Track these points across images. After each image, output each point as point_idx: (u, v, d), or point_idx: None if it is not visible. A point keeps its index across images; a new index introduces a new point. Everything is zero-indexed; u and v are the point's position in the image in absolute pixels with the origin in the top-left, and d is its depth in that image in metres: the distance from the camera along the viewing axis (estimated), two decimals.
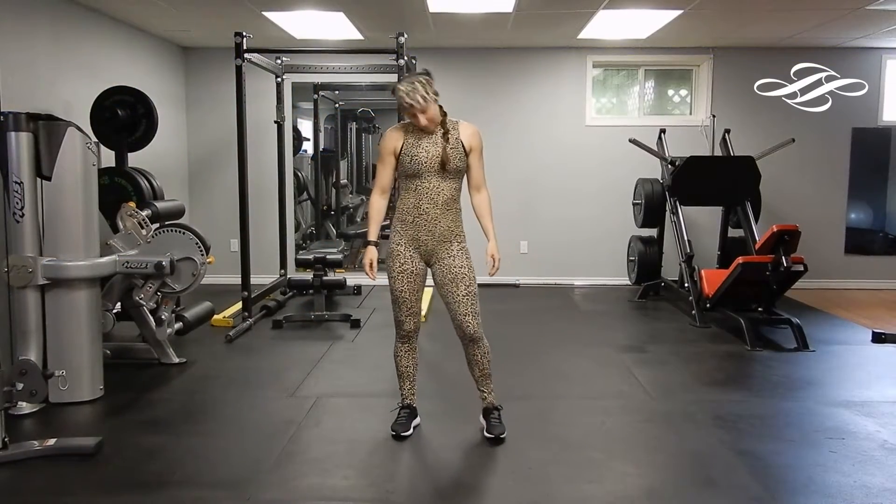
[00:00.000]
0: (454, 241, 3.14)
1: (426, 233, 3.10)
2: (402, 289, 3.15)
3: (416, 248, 3.13)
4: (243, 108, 5.29)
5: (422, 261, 3.16)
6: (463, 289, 3.11)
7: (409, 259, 3.13)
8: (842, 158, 7.14)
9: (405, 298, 3.16)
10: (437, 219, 3.09)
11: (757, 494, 2.75)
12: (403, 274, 3.13)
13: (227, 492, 2.74)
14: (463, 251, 3.15)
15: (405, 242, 3.13)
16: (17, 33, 4.56)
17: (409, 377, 3.32)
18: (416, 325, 3.23)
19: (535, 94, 7.16)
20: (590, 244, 7.25)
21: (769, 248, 5.00)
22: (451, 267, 3.11)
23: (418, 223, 3.10)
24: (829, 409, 3.71)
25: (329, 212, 8.84)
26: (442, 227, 3.10)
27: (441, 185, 3.08)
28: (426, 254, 3.14)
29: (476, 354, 3.21)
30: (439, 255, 3.13)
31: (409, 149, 3.07)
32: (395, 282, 3.15)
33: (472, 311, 3.12)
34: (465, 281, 3.11)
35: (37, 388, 3.22)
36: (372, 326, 5.48)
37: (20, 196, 3.55)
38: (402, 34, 5.28)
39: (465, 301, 3.11)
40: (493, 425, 3.22)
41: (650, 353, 4.82)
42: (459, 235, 3.17)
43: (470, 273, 3.14)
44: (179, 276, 4.21)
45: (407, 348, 3.27)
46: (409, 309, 3.18)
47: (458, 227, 3.17)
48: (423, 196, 3.08)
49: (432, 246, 3.12)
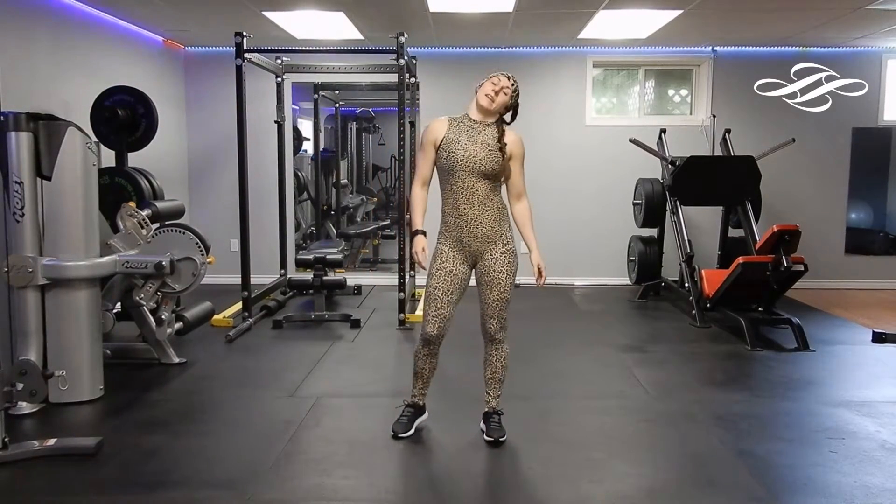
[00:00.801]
0: (499, 242, 3.11)
1: (468, 234, 3.08)
2: (437, 285, 3.09)
3: (460, 249, 3.11)
4: (243, 108, 5.29)
5: (465, 263, 3.12)
6: (496, 293, 3.10)
7: (451, 259, 3.10)
8: (842, 158, 7.14)
9: (437, 296, 3.08)
10: (477, 218, 3.07)
11: (757, 494, 2.75)
12: (441, 271, 3.09)
13: (227, 492, 2.74)
14: (506, 254, 3.12)
15: (450, 244, 3.11)
16: (17, 33, 4.56)
17: (423, 378, 3.28)
18: (440, 330, 3.10)
19: (535, 94, 7.15)
20: (590, 244, 7.25)
21: (769, 248, 5.00)
22: (490, 269, 3.10)
23: (459, 224, 3.08)
24: (829, 409, 3.71)
25: (329, 212, 8.85)
26: (484, 228, 3.08)
27: (476, 184, 3.05)
28: (472, 255, 3.12)
29: (493, 356, 3.21)
30: (483, 256, 3.11)
31: (447, 144, 3.06)
32: (432, 278, 3.11)
33: (498, 316, 3.13)
34: (500, 286, 3.10)
35: (37, 388, 3.22)
36: (372, 326, 5.48)
37: (20, 196, 3.55)
38: (402, 34, 5.28)
39: (495, 305, 3.12)
40: (492, 429, 3.21)
41: (650, 353, 4.82)
42: (504, 236, 3.13)
43: (508, 279, 3.11)
44: (179, 276, 4.21)
45: (426, 352, 3.20)
46: (438, 309, 3.08)
47: (503, 226, 3.13)
48: (459, 195, 3.06)
49: (476, 247, 3.10)
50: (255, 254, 5.73)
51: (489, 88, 3.05)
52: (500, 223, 3.12)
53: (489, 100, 3.04)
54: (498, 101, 3.06)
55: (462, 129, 3.08)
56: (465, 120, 3.12)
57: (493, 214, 3.09)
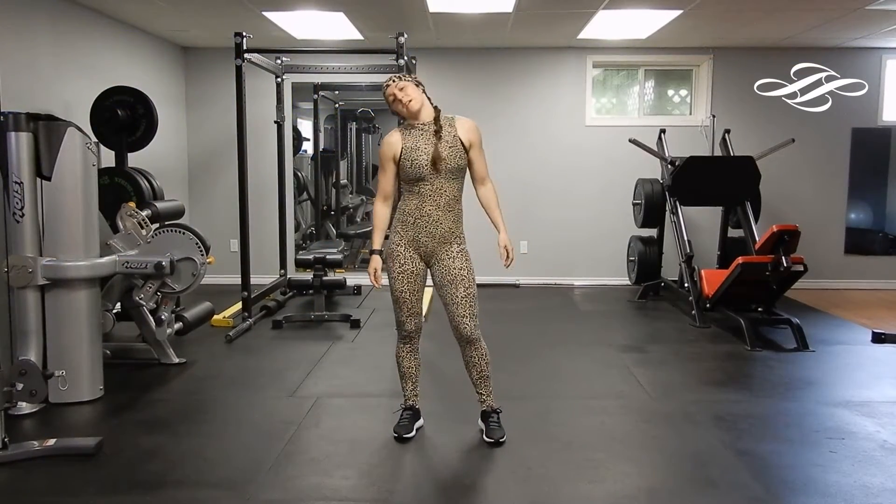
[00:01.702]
0: (454, 243, 3.13)
1: (426, 234, 3.09)
2: (403, 289, 3.14)
3: (415, 248, 3.12)
4: (243, 108, 5.29)
5: (421, 261, 3.15)
6: (462, 290, 3.10)
7: (409, 259, 3.12)
8: (842, 158, 7.14)
9: (406, 299, 3.15)
10: (439, 220, 3.08)
11: (757, 494, 2.75)
12: (403, 274, 3.13)
13: (227, 492, 2.74)
14: (462, 253, 3.14)
15: (405, 243, 3.12)
16: (18, 33, 4.56)
17: (412, 378, 3.31)
18: (417, 325, 3.22)
19: (535, 94, 7.16)
20: (590, 244, 7.25)
21: (769, 248, 4.99)
22: (450, 268, 3.10)
23: (419, 224, 3.09)
24: (829, 409, 3.71)
25: (329, 212, 8.84)
26: (443, 229, 3.09)
27: (444, 185, 3.06)
28: (426, 255, 3.14)
29: (473, 356, 3.19)
30: (439, 257, 3.12)
31: (407, 153, 3.05)
32: (396, 282, 3.14)
33: (469, 313, 3.12)
34: (464, 283, 3.10)
35: (37, 388, 3.22)
36: (372, 326, 5.48)
37: (20, 196, 3.55)
38: (402, 34, 5.28)
39: (464, 303, 3.10)
40: (492, 429, 3.21)
41: (650, 353, 4.82)
42: (459, 237, 3.16)
43: (469, 275, 3.13)
44: (179, 276, 4.21)
45: (408, 349, 3.26)
46: (409, 309, 3.17)
47: (459, 228, 3.16)
48: (426, 198, 3.07)
49: (432, 247, 3.11)
50: (255, 254, 5.74)
51: (395, 101, 3.06)
52: (457, 225, 3.15)
53: (404, 105, 3.05)
54: (410, 98, 3.04)
55: (416, 136, 3.08)
56: (414, 127, 3.10)
57: (453, 216, 3.12)
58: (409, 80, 3.09)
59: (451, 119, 3.13)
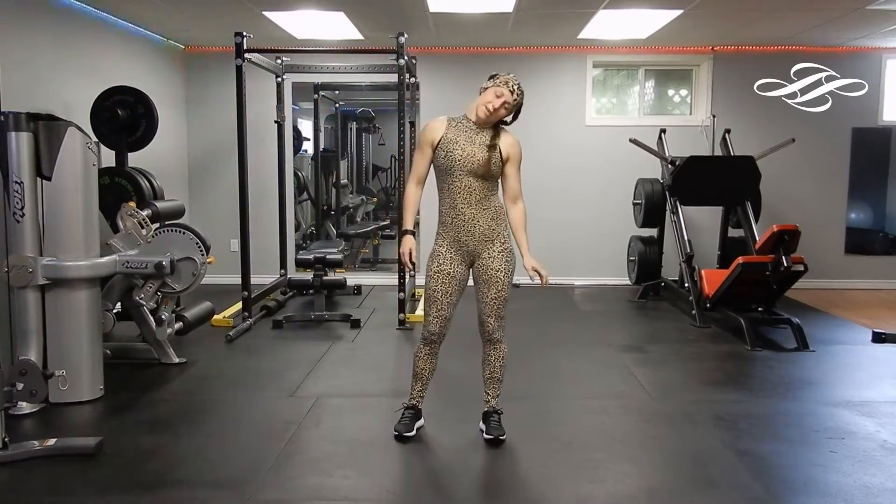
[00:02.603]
0: (496, 241, 3.12)
1: (466, 233, 3.08)
2: (436, 288, 3.11)
3: (457, 249, 3.11)
4: (243, 108, 5.29)
5: (464, 264, 3.13)
6: (494, 292, 3.11)
7: (449, 261, 3.11)
8: (842, 158, 7.14)
9: (437, 298, 3.11)
10: (475, 218, 3.07)
11: (757, 494, 2.75)
12: (440, 273, 3.11)
13: (227, 492, 2.74)
14: (504, 253, 3.12)
15: (447, 244, 3.12)
16: (18, 33, 4.56)
17: (423, 380, 3.28)
18: (441, 329, 3.15)
19: (535, 94, 7.13)
20: (590, 244, 7.24)
21: (769, 248, 5.00)
22: (487, 268, 3.11)
23: (457, 224, 3.08)
24: (829, 409, 3.71)
25: (329, 212, 8.84)
26: (482, 227, 3.08)
27: (473, 183, 3.05)
28: (469, 254, 3.12)
29: (491, 355, 3.21)
30: (481, 255, 3.12)
31: (445, 144, 3.06)
32: (430, 280, 3.13)
33: (496, 314, 3.13)
34: (497, 285, 3.10)
35: (37, 388, 3.21)
36: (372, 326, 5.48)
37: (20, 196, 3.55)
38: (402, 34, 5.28)
39: (493, 304, 3.12)
40: (492, 428, 3.20)
41: (650, 353, 4.82)
42: (501, 235, 3.13)
43: (505, 277, 3.12)
44: (179, 276, 4.21)
45: (428, 351, 3.22)
46: (438, 310, 3.12)
47: (500, 226, 3.13)
48: (457, 195, 3.06)
49: (474, 246, 3.10)
50: (255, 254, 5.73)
51: (491, 98, 3.03)
52: (497, 223, 3.12)
53: (488, 112, 3.04)
54: (497, 115, 3.05)
55: (460, 130, 3.08)
56: (464, 121, 3.12)
57: (490, 214, 3.10)
58: (516, 98, 3.05)
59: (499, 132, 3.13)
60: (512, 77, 3.08)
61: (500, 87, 3.04)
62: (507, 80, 3.06)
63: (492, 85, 3.07)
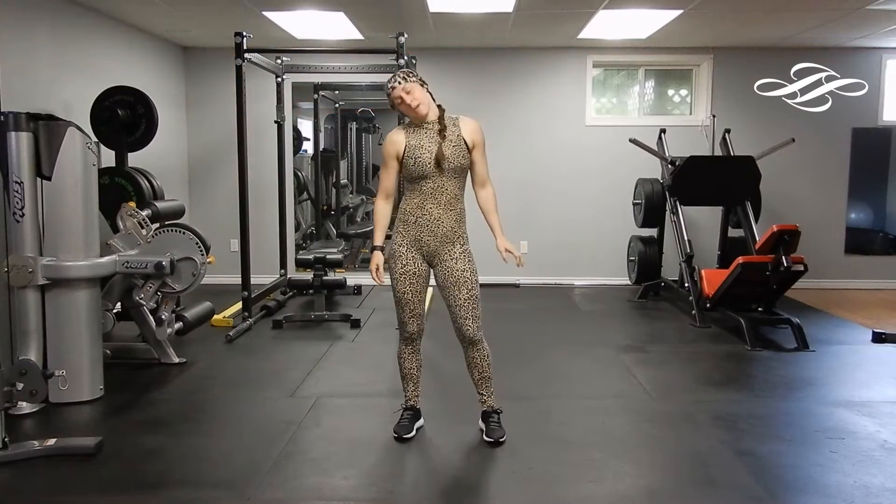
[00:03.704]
0: (456, 243, 3.12)
1: (428, 233, 3.08)
2: (405, 290, 3.13)
3: (418, 248, 3.11)
4: (243, 108, 5.29)
5: (424, 262, 3.14)
6: (465, 292, 3.09)
7: (412, 260, 3.11)
8: (842, 158, 7.14)
9: (408, 300, 3.14)
10: (441, 219, 3.07)
11: (757, 494, 2.75)
12: (406, 275, 3.12)
13: (227, 492, 2.74)
14: (466, 253, 3.13)
15: (407, 243, 3.11)
16: (18, 33, 4.56)
17: (413, 379, 3.30)
18: (419, 326, 3.20)
19: (535, 94, 7.16)
20: (590, 244, 7.25)
21: (769, 248, 5.00)
22: (453, 270, 3.10)
23: (421, 223, 3.08)
24: (829, 409, 3.71)
25: (329, 212, 8.84)
26: (445, 228, 3.08)
27: (446, 184, 3.06)
28: (428, 255, 3.12)
29: (475, 357, 3.19)
30: (441, 257, 3.11)
31: (411, 151, 3.05)
32: (398, 283, 3.13)
33: (472, 315, 3.11)
34: (466, 284, 3.09)
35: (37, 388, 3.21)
36: (372, 326, 5.48)
37: (20, 196, 3.55)
38: (402, 34, 5.28)
39: (467, 305, 3.10)
40: (492, 429, 3.20)
41: (650, 353, 4.82)
42: (462, 237, 3.14)
43: (473, 276, 3.12)
44: (179, 276, 4.21)
45: (410, 350, 3.25)
46: (412, 311, 3.15)
47: (461, 227, 3.14)
48: (427, 196, 3.06)
49: (434, 246, 3.10)
50: (255, 254, 5.73)
51: (402, 103, 3.03)
52: (459, 224, 3.13)
53: (412, 109, 3.03)
54: (418, 103, 3.02)
55: (420, 134, 3.07)
56: (418, 125, 3.09)
57: (455, 215, 3.10)
58: (414, 80, 3.06)
59: (456, 119, 3.13)
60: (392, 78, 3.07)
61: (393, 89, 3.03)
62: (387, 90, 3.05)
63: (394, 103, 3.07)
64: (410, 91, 3.02)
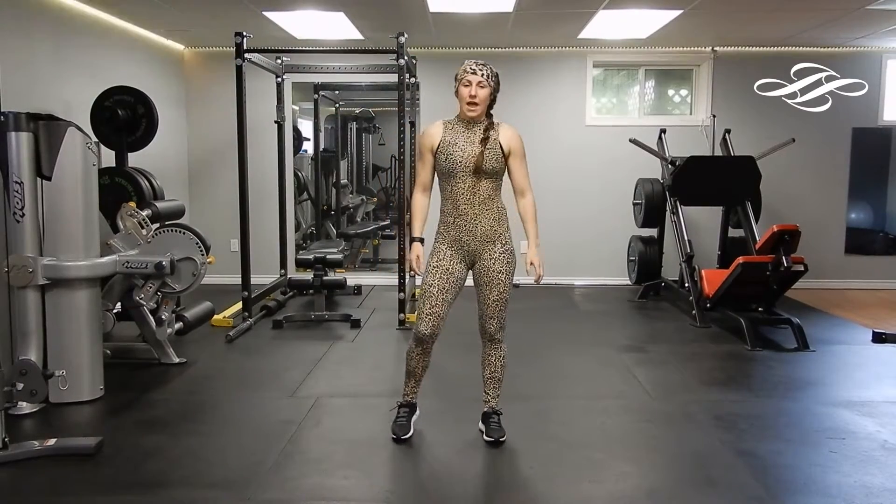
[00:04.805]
0: (497, 242, 3.10)
1: (467, 233, 3.07)
2: (432, 283, 3.07)
3: (458, 249, 3.09)
4: (243, 108, 5.29)
5: (463, 263, 3.11)
6: (496, 293, 3.09)
7: (449, 258, 3.09)
8: (842, 158, 7.14)
9: (432, 294, 3.07)
10: (477, 218, 3.06)
11: (757, 494, 2.75)
12: (438, 269, 3.08)
13: (227, 492, 2.74)
14: (505, 254, 3.10)
15: (448, 243, 3.10)
16: (18, 33, 4.56)
17: (416, 377, 3.27)
18: (434, 329, 3.08)
19: (536, 94, 7.16)
20: (590, 244, 7.24)
21: (769, 248, 5.00)
22: (489, 270, 3.09)
23: (459, 224, 3.07)
24: (829, 409, 3.71)
25: (329, 212, 8.84)
26: (483, 227, 3.07)
27: (477, 184, 3.04)
28: (470, 255, 3.10)
29: (491, 356, 3.21)
30: (482, 256, 3.10)
31: (445, 147, 3.05)
32: (428, 275, 3.10)
33: (498, 316, 3.12)
34: (499, 287, 3.09)
35: (37, 388, 3.22)
36: (372, 326, 5.48)
37: (20, 196, 3.55)
38: (402, 34, 5.28)
39: (495, 306, 3.11)
40: (492, 429, 3.20)
41: (650, 353, 4.82)
42: (503, 236, 3.12)
43: (507, 279, 3.10)
44: (179, 276, 4.21)
45: (420, 351, 3.18)
46: (432, 307, 3.06)
47: (502, 226, 3.11)
48: (460, 196, 3.05)
49: (475, 246, 3.09)
50: (255, 254, 5.73)
51: (466, 93, 3.03)
52: (499, 223, 3.11)
53: (472, 104, 3.03)
54: (481, 100, 3.03)
55: (457, 131, 3.08)
56: (458, 123, 3.11)
57: (492, 214, 3.08)
58: (491, 84, 3.05)
59: (496, 124, 3.12)
60: (471, 61, 3.07)
61: (466, 75, 3.04)
62: (466, 67, 3.05)
63: (460, 80, 3.06)
64: (483, 87, 3.01)
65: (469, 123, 3.09)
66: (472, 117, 3.06)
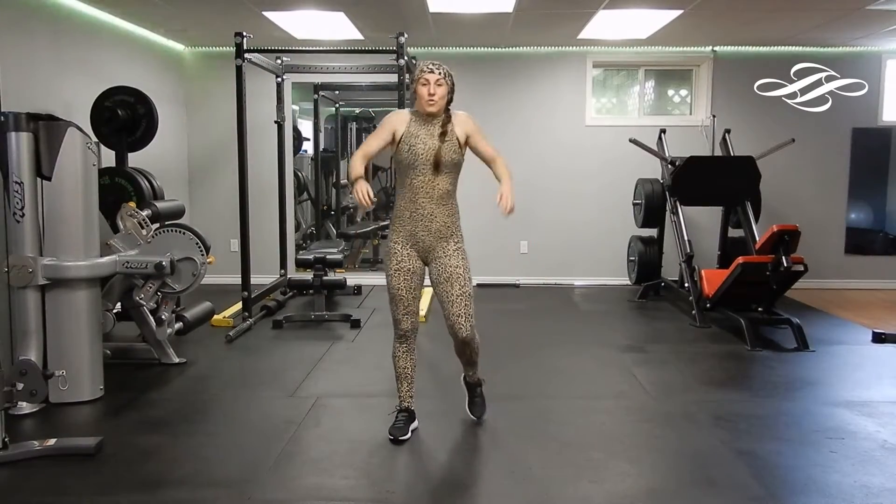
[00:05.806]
0: (451, 239, 3.14)
1: (423, 228, 3.10)
2: (399, 286, 3.14)
3: (412, 245, 3.13)
4: (243, 108, 5.29)
5: (419, 259, 3.16)
6: (457, 289, 3.11)
7: (407, 257, 3.13)
8: (842, 158, 7.14)
9: (402, 296, 3.15)
10: (434, 214, 3.09)
11: (757, 494, 2.75)
12: (400, 272, 3.13)
13: (227, 492, 2.74)
14: (459, 251, 3.16)
15: (402, 240, 3.13)
16: (18, 33, 4.56)
17: (408, 379, 3.30)
18: (413, 324, 3.21)
19: (535, 94, 7.16)
20: (590, 244, 7.25)
21: (769, 248, 5.00)
22: (446, 266, 3.11)
23: (415, 218, 3.10)
24: (829, 409, 3.71)
25: (329, 212, 8.84)
26: (438, 223, 3.10)
27: (436, 179, 3.08)
28: (423, 251, 3.14)
29: (466, 351, 3.26)
30: (436, 253, 3.13)
31: (408, 138, 3.07)
32: (392, 279, 3.14)
33: (465, 313, 3.13)
34: (459, 281, 3.11)
35: (37, 388, 3.22)
36: (372, 326, 5.48)
37: (20, 196, 3.55)
38: (402, 34, 5.28)
39: (459, 301, 3.11)
40: (475, 403, 3.33)
41: (650, 353, 4.82)
42: (456, 234, 3.17)
43: (466, 273, 3.14)
44: (179, 276, 4.21)
45: (405, 349, 3.25)
46: (406, 307, 3.17)
47: (455, 223, 3.16)
48: (418, 191, 3.08)
49: (430, 242, 3.12)
50: (255, 254, 5.73)
51: (424, 92, 3.04)
52: (453, 220, 3.15)
53: (432, 103, 3.04)
54: (439, 97, 3.04)
55: (420, 125, 3.10)
56: (420, 117, 3.13)
57: (448, 210, 3.12)
58: (448, 82, 3.07)
59: (452, 115, 3.15)
60: (427, 61, 3.11)
61: (423, 75, 3.05)
62: (423, 66, 3.08)
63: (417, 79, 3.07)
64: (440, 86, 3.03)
65: (429, 118, 3.11)
66: (433, 112, 3.08)
